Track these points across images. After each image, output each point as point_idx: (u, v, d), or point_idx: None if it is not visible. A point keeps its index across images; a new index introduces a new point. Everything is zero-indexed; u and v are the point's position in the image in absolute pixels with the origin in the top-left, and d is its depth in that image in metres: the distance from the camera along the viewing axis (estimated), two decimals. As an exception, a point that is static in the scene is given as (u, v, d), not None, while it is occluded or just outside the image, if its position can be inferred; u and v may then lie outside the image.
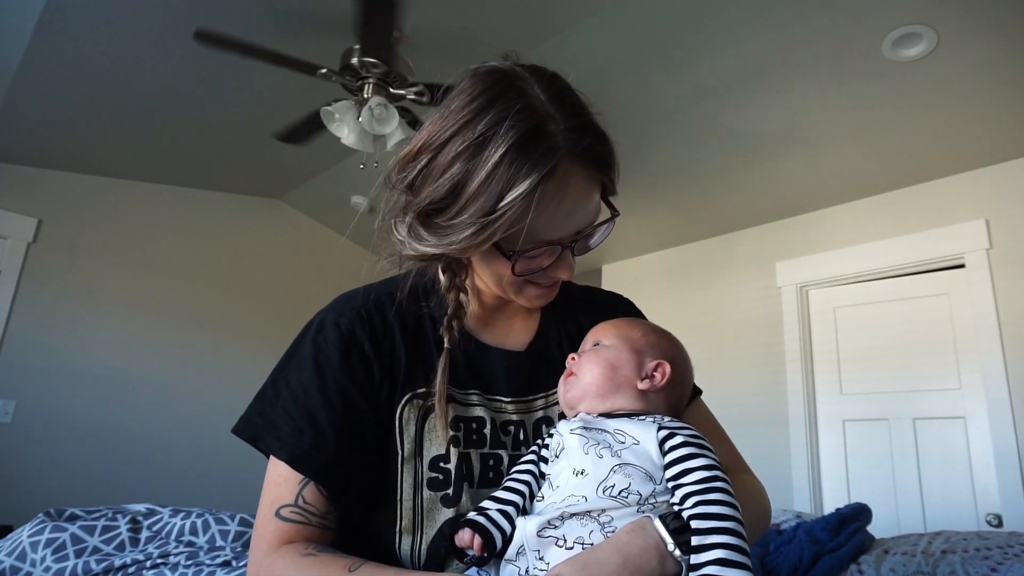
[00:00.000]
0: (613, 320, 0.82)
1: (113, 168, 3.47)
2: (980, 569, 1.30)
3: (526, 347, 0.85)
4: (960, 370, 2.83)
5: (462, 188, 0.69)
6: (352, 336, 0.77)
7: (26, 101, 2.74)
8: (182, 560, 1.39)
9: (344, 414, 0.74)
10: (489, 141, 0.67)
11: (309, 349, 0.77)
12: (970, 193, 2.89)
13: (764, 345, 3.38)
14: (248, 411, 0.78)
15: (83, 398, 3.30)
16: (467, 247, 0.70)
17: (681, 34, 2.41)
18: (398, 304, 0.81)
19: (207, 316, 3.80)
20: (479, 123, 0.68)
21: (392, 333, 0.79)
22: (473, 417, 0.78)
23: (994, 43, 2.23)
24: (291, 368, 0.77)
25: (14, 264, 3.19)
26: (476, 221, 0.68)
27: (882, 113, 2.64)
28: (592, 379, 0.74)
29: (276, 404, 0.75)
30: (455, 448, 0.75)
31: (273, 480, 0.73)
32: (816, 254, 3.32)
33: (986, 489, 2.67)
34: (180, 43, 2.40)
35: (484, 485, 0.75)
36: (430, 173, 0.71)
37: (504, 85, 0.71)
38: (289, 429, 0.73)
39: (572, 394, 0.75)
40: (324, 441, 0.73)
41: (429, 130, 0.73)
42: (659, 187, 3.42)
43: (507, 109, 0.68)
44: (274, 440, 0.74)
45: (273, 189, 4.03)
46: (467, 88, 0.72)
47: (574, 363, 0.77)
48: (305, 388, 0.75)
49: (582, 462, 0.68)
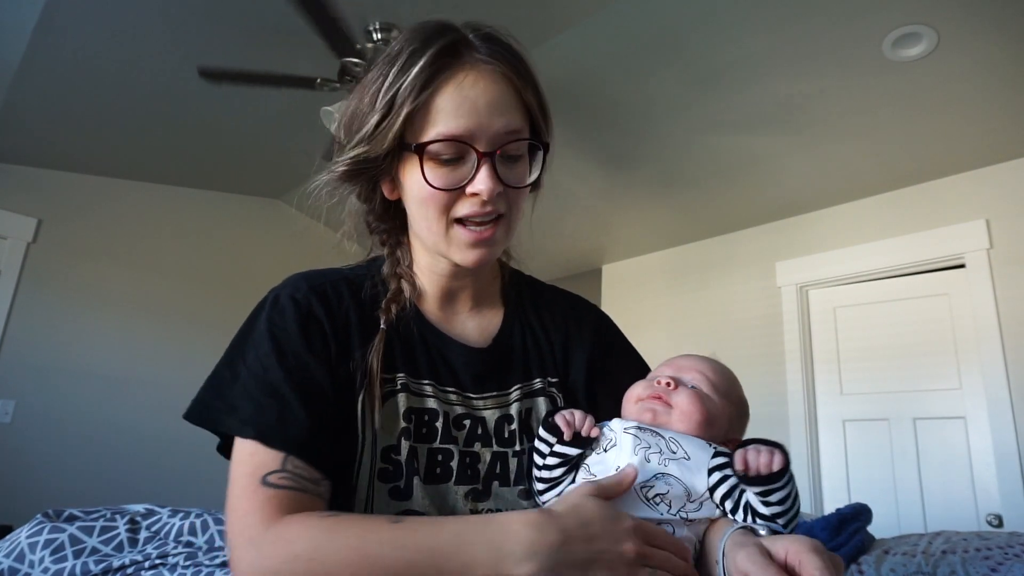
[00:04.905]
0: (718, 367, 0.80)
1: (113, 168, 3.47)
2: (980, 569, 1.30)
3: (490, 343, 0.84)
4: (960, 370, 2.83)
5: (375, 95, 0.73)
6: (310, 310, 0.74)
7: (26, 101, 2.74)
8: (181, 560, 1.39)
9: (307, 384, 0.70)
10: (399, 50, 0.73)
11: (264, 325, 0.73)
12: (970, 193, 2.88)
13: (764, 345, 3.38)
14: (202, 394, 0.73)
15: (83, 398, 3.30)
16: (378, 137, 0.72)
17: (680, 35, 2.40)
18: (354, 289, 0.79)
19: (207, 316, 3.80)
20: (394, 47, 0.74)
21: (348, 315, 0.77)
22: (426, 409, 0.76)
23: (994, 43, 2.23)
24: (247, 346, 0.73)
25: (14, 264, 3.19)
26: (383, 103, 0.71)
27: (882, 113, 2.63)
28: (688, 423, 0.73)
29: (234, 385, 0.71)
30: (406, 440, 0.73)
31: (244, 458, 0.67)
32: (816, 254, 3.32)
33: (986, 489, 2.67)
34: (180, 43, 2.40)
35: (433, 481, 0.73)
36: (350, 105, 0.76)
37: (423, 23, 0.75)
38: (252, 407, 0.68)
39: (657, 420, 0.74)
40: (291, 413, 0.68)
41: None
42: (659, 187, 3.42)
43: (418, 31, 0.74)
44: (235, 421, 0.68)
45: (272, 189, 4.03)
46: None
47: (670, 391, 0.75)
48: (264, 364, 0.71)
49: (629, 462, 0.68)
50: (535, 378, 0.83)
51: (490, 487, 0.76)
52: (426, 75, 0.70)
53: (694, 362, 0.80)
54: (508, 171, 0.74)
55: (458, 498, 0.74)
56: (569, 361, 0.86)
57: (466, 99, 0.71)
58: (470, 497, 0.75)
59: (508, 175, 0.73)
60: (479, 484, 0.76)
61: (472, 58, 0.72)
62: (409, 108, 0.70)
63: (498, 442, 0.78)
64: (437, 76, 0.71)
